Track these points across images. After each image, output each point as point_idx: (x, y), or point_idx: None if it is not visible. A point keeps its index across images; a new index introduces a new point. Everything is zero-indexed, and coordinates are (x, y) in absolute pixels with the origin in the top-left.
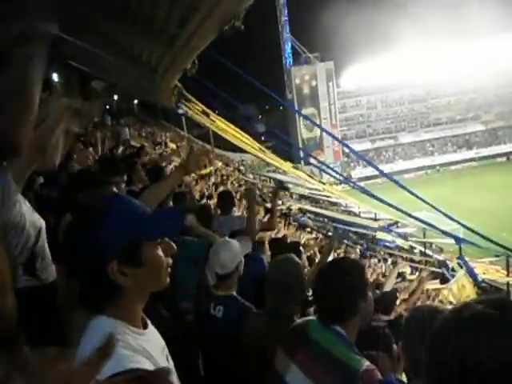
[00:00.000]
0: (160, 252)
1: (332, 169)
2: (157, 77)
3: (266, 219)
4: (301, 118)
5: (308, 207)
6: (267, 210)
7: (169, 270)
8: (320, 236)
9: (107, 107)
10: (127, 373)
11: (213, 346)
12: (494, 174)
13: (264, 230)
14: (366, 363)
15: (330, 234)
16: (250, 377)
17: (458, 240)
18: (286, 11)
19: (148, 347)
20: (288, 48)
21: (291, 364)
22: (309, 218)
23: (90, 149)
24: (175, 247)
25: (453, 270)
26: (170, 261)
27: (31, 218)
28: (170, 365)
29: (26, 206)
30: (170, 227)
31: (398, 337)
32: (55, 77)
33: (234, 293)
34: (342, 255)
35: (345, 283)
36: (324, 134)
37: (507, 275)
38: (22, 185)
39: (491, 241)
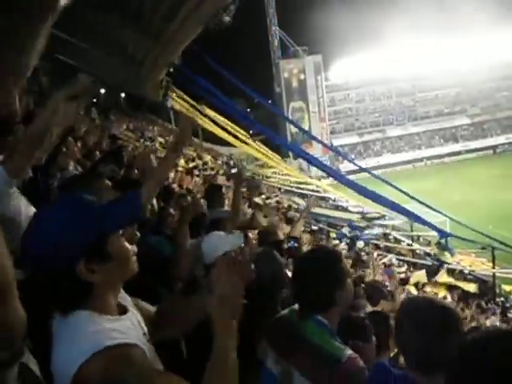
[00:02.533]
0: (125, 242)
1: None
2: (142, 70)
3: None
4: (289, 111)
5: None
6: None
7: (135, 257)
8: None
9: (93, 100)
10: (107, 349)
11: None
12: (481, 167)
13: (245, 228)
14: (349, 352)
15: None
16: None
17: (443, 233)
18: (274, 3)
19: (123, 329)
20: (276, 41)
21: (271, 352)
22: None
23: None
24: (138, 234)
25: (435, 255)
26: (135, 248)
27: (27, 211)
28: (151, 349)
29: (22, 200)
30: (128, 217)
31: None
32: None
33: None
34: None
35: (321, 273)
36: (313, 127)
37: (493, 267)
38: (20, 178)
39: (479, 232)
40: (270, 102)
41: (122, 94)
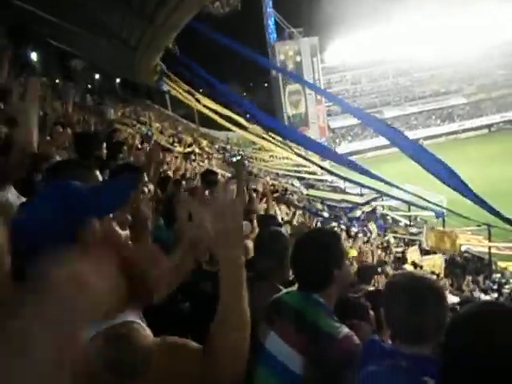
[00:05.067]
0: (115, 227)
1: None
2: (136, 55)
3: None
4: (286, 94)
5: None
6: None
7: (129, 242)
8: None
9: (88, 86)
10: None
11: (198, 316)
12: (477, 146)
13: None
14: (346, 330)
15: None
16: None
17: (438, 213)
18: None
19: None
20: (271, 23)
21: (270, 332)
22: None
23: (69, 130)
24: (130, 219)
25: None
26: (128, 233)
27: (17, 201)
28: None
29: (12, 195)
30: (115, 203)
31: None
32: (34, 56)
33: None
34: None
35: (318, 253)
36: (309, 110)
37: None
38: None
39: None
40: (266, 85)
41: (117, 80)
